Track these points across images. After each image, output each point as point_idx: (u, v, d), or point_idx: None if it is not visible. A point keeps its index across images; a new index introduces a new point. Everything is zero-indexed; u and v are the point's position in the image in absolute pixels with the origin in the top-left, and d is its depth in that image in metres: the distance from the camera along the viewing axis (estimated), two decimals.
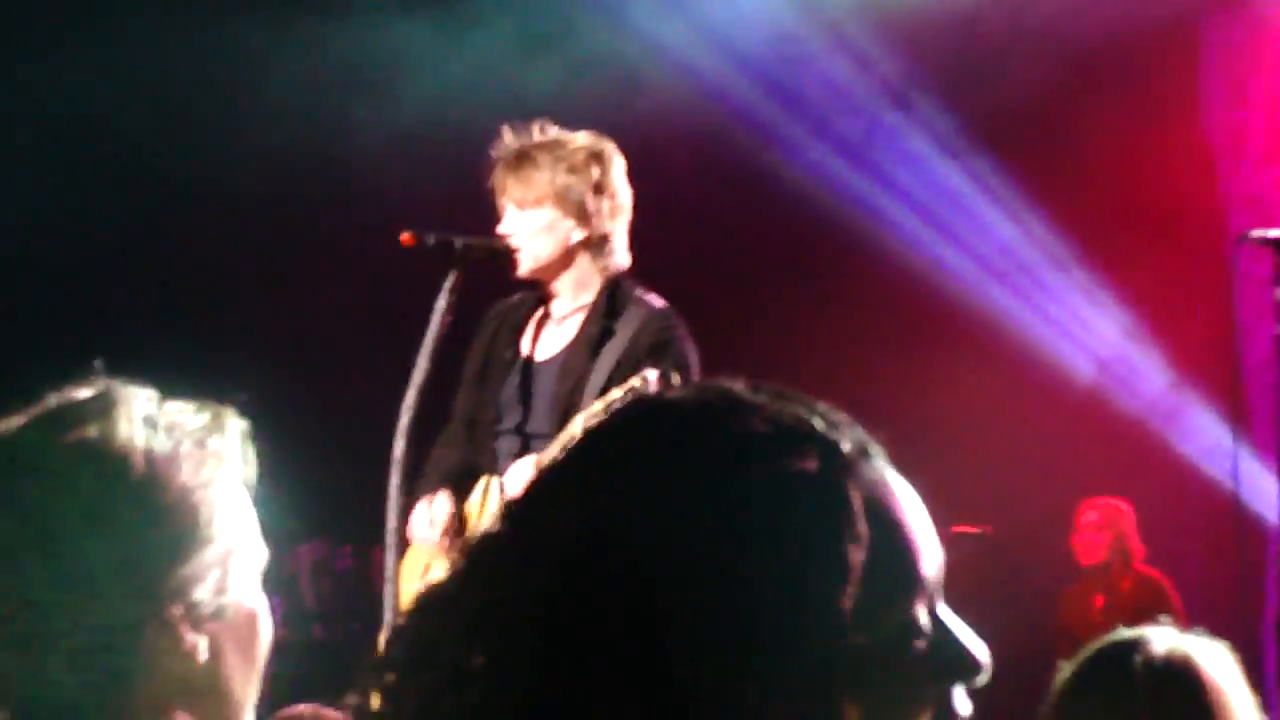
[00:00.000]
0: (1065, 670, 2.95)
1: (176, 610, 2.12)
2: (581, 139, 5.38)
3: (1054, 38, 9.68)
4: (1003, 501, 9.49)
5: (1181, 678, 2.83)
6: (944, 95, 10.08)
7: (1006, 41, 9.60)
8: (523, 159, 5.35)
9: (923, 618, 1.47)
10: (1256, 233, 6.01)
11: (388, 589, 5.30)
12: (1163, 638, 2.90)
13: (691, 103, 9.31)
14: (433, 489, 5.48)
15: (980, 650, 1.48)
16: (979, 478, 9.48)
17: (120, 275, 10.02)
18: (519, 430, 5.43)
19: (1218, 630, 3.01)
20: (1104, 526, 9.39)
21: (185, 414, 2.18)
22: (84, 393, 2.17)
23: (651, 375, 4.98)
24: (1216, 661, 2.88)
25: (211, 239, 9.98)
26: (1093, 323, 10.30)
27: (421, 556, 5.46)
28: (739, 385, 1.53)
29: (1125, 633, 2.96)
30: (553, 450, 5.03)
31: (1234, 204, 10.05)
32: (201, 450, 2.16)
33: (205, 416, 2.18)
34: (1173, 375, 10.16)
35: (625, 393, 4.95)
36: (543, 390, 5.42)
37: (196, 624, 2.14)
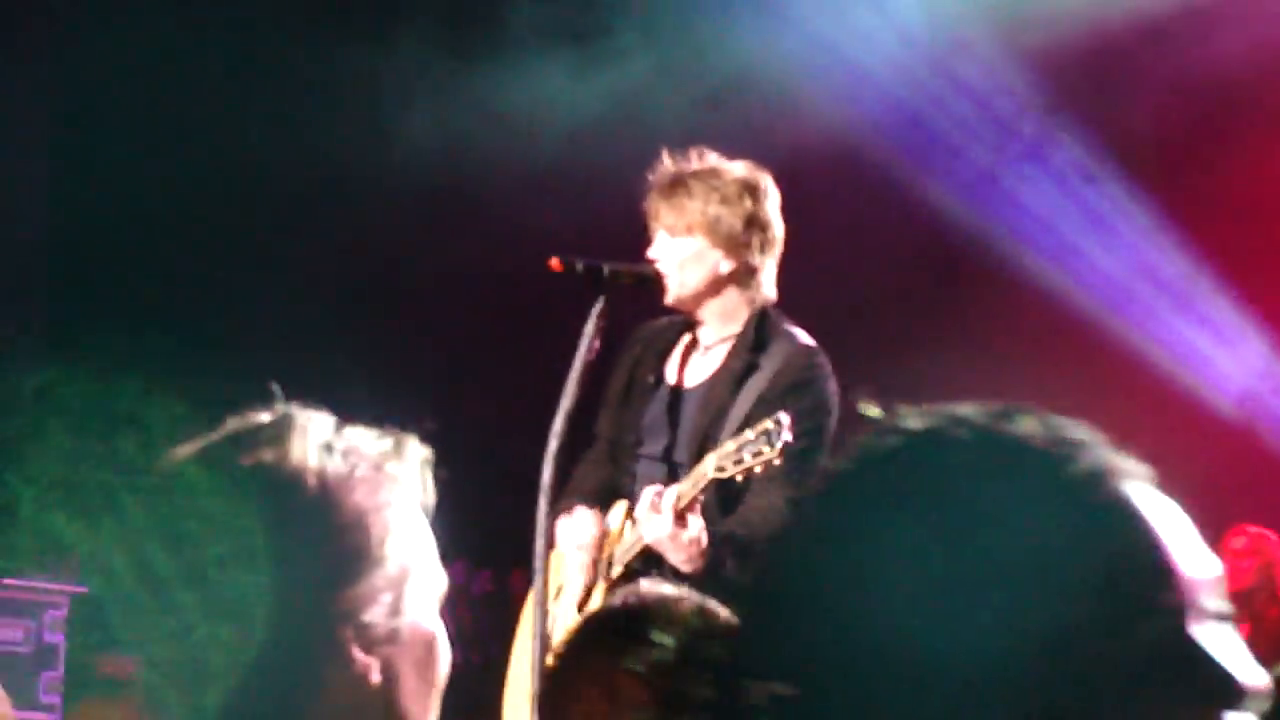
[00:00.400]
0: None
1: (347, 632, 2.12)
2: (738, 169, 5.37)
3: (1192, 59, 9.62)
4: None
5: None
6: (1081, 118, 10.03)
7: (1144, 64, 9.54)
8: (677, 186, 5.35)
9: (1190, 631, 1.41)
10: None
11: (537, 613, 5.29)
12: None
13: (829, 128, 9.29)
14: (573, 506, 5.48)
15: (1249, 673, 1.43)
16: None
17: (276, 304, 10.13)
18: (663, 457, 5.43)
19: None
20: (1251, 553, 9.32)
21: (364, 439, 2.20)
22: (262, 417, 2.19)
23: (785, 419, 4.92)
24: None
25: (366, 273, 10.08)
26: (1237, 349, 10.21)
27: (554, 578, 5.45)
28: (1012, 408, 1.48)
29: None
30: (686, 484, 5.04)
31: None
32: (378, 474, 2.16)
33: (385, 442, 2.20)
34: None
35: (758, 435, 4.92)
36: (685, 418, 5.42)
37: (368, 646, 2.14)
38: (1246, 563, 9.34)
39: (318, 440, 2.17)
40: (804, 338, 5.39)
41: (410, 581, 2.17)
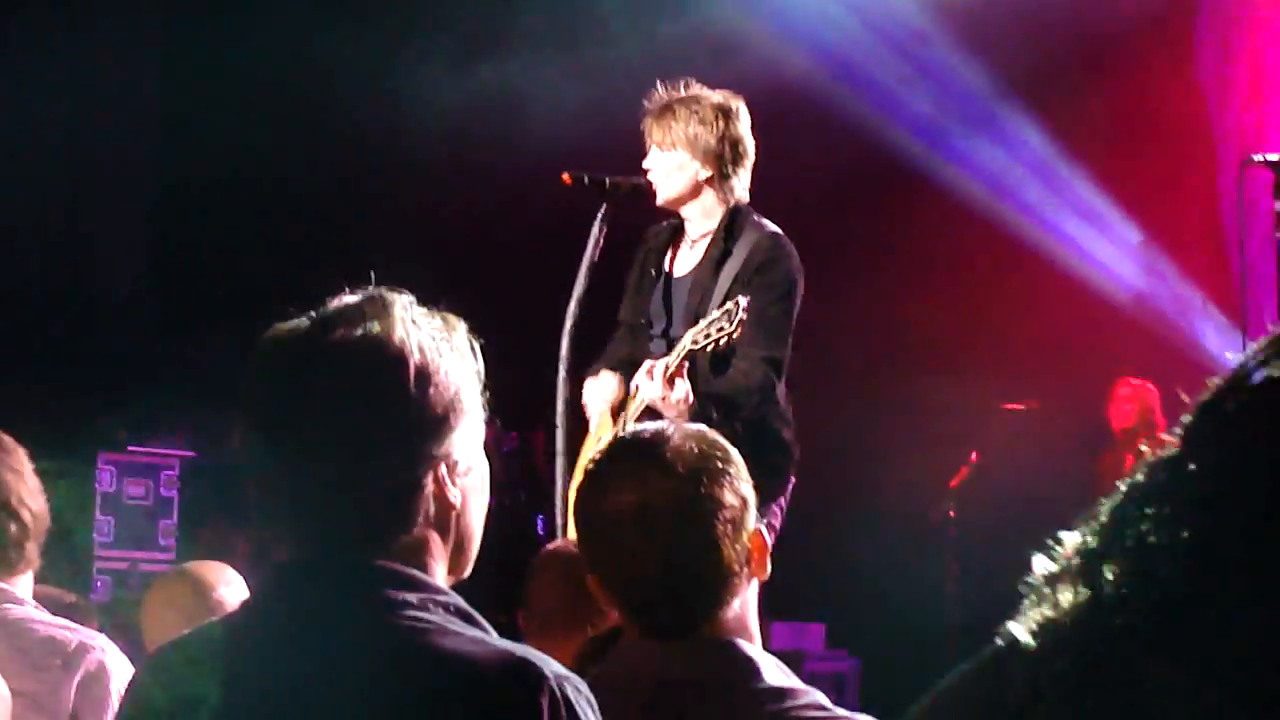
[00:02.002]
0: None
1: (444, 468, 2.20)
2: (715, 96, 5.46)
3: (1073, 13, 9.65)
4: (1048, 382, 9.52)
5: None
6: (984, 53, 10.04)
7: (1041, 10, 9.54)
8: (665, 110, 5.44)
9: None
10: (1258, 156, 5.97)
11: (560, 461, 5.43)
12: None
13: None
14: (600, 370, 5.59)
15: None
16: (1029, 364, 9.52)
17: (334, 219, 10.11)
18: (664, 335, 5.51)
19: None
20: (1134, 399, 9.43)
21: (428, 316, 2.24)
22: (359, 297, 2.22)
23: (743, 301, 5.03)
24: None
25: (413, 195, 10.04)
26: (1122, 240, 10.29)
27: (595, 433, 5.55)
28: None
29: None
30: (673, 356, 5.13)
31: (1222, 136, 10.01)
32: (450, 343, 2.22)
33: (439, 319, 2.25)
34: (1184, 279, 10.13)
35: (721, 314, 5.04)
36: (679, 302, 5.51)
37: (456, 479, 2.22)
38: (1129, 406, 9.44)
39: (408, 315, 2.19)
40: (770, 226, 5.47)
41: (475, 428, 2.24)
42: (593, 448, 5.40)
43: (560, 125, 8.60)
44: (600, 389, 5.56)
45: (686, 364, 5.14)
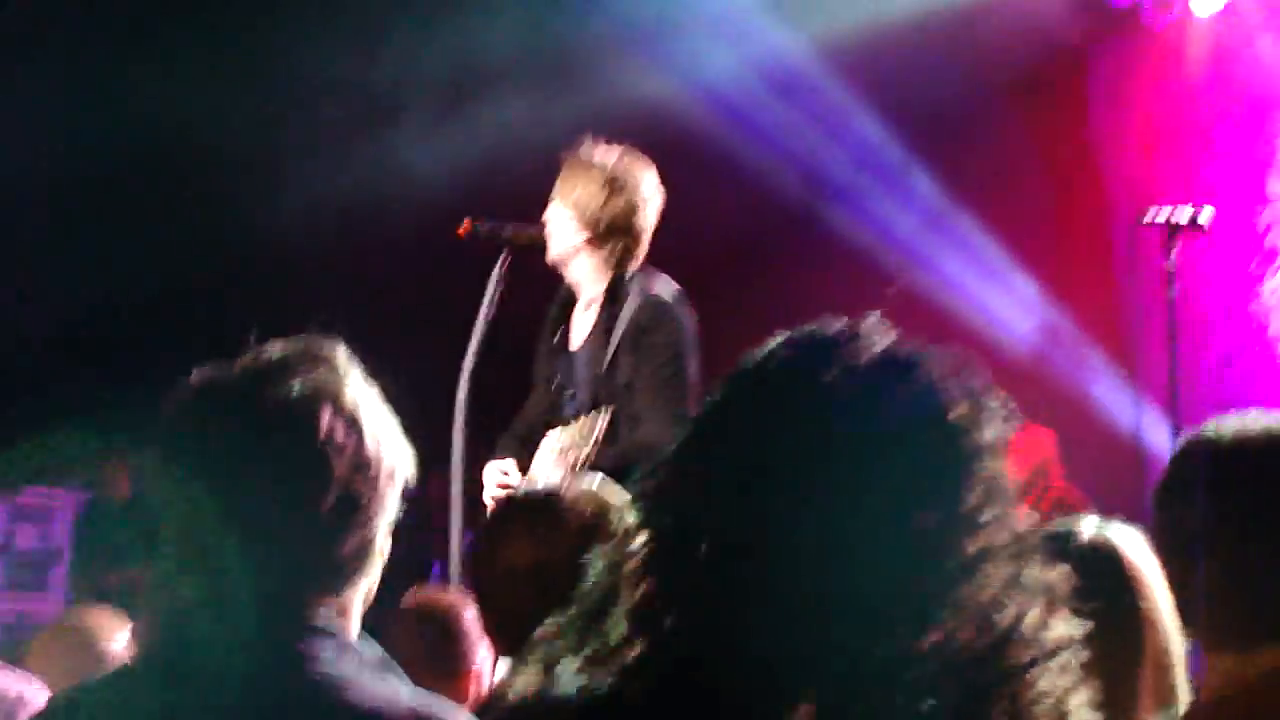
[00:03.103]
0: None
1: (383, 521, 2.20)
2: (609, 162, 5.44)
3: (966, 59, 9.72)
4: None
5: (1107, 556, 2.87)
6: (883, 106, 10.11)
7: (934, 64, 9.62)
8: (569, 166, 5.46)
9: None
10: (1149, 216, 6.04)
11: (454, 513, 5.40)
12: (1088, 525, 2.95)
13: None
14: (506, 448, 5.55)
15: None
16: None
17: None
18: (571, 400, 5.51)
19: None
20: (1026, 448, 9.46)
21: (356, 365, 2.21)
22: (294, 346, 2.18)
23: (603, 419, 5.07)
24: (1133, 542, 2.92)
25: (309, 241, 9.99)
26: (1018, 295, 10.37)
27: None
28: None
29: (1060, 524, 2.99)
30: (571, 434, 5.12)
31: (1115, 192, 10.14)
32: (375, 394, 2.19)
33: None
34: (1077, 333, 10.22)
35: (582, 428, 5.07)
36: (578, 370, 5.51)
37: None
38: (1020, 456, 9.50)
39: (345, 368, 2.16)
40: (656, 287, 5.46)
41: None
42: None
43: (455, 179, 8.61)
44: (496, 473, 5.49)
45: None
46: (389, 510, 2.17)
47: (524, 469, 5.43)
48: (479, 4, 9.63)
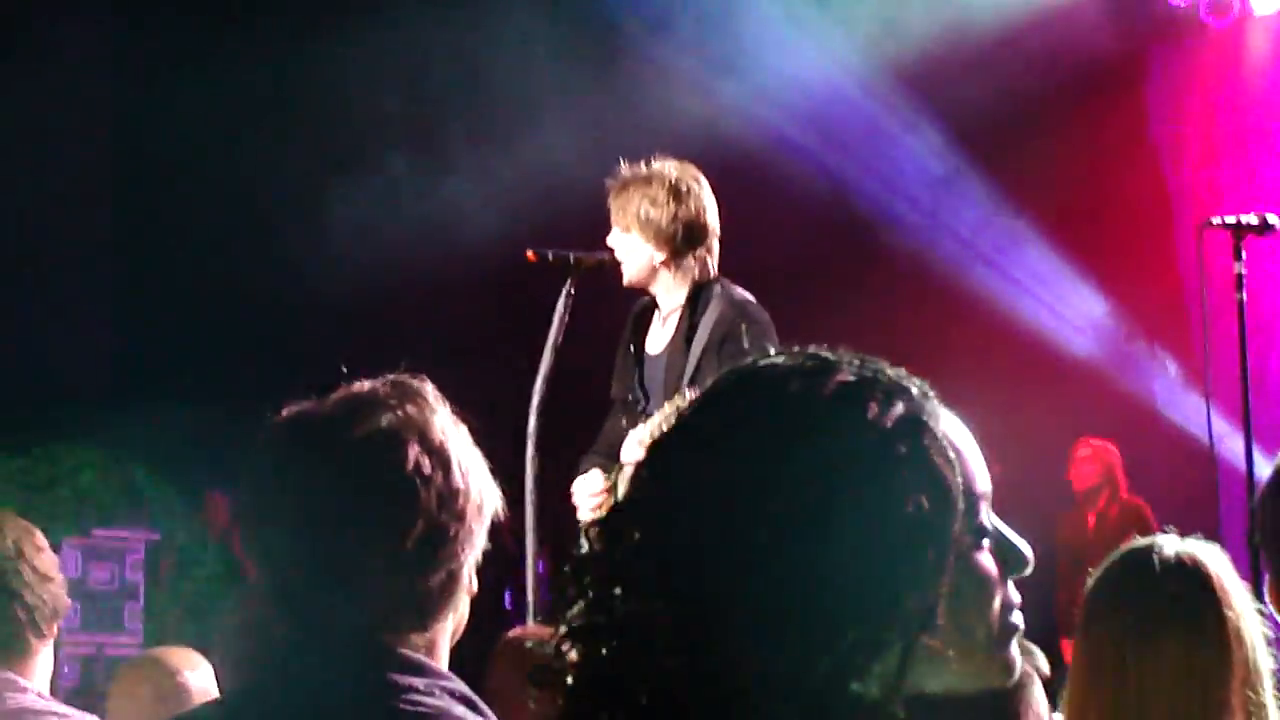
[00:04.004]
0: (1095, 574, 2.98)
1: (471, 558, 2.21)
2: (669, 174, 5.39)
3: (1024, 65, 9.70)
4: (1010, 447, 9.49)
5: (1192, 572, 2.87)
6: (944, 116, 10.10)
7: (998, 66, 9.59)
8: (620, 190, 5.40)
9: (987, 522, 1.51)
10: (1216, 218, 5.99)
11: (529, 538, 5.40)
12: (1171, 543, 2.94)
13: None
14: (589, 466, 5.52)
15: (1026, 547, 1.53)
16: (990, 429, 9.49)
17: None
18: (647, 413, 5.46)
19: None
20: (1093, 459, 9.43)
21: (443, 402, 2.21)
22: (382, 384, 2.18)
23: (689, 395, 5.03)
24: (1216, 559, 2.92)
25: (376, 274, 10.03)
26: (1080, 302, 10.32)
27: None
28: (825, 350, 1.54)
29: (1140, 541, 2.98)
30: (657, 421, 5.13)
31: (1178, 195, 10.09)
32: (461, 430, 2.20)
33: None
34: (1145, 340, 10.17)
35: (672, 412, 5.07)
36: (655, 380, 5.48)
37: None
38: (1092, 467, 9.45)
39: (433, 404, 2.16)
40: (738, 295, 5.42)
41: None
42: None
43: (518, 205, 8.63)
44: (587, 492, 5.47)
45: None
46: (476, 545, 2.18)
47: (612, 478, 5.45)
48: (516, 36, 9.67)
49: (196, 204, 9.80)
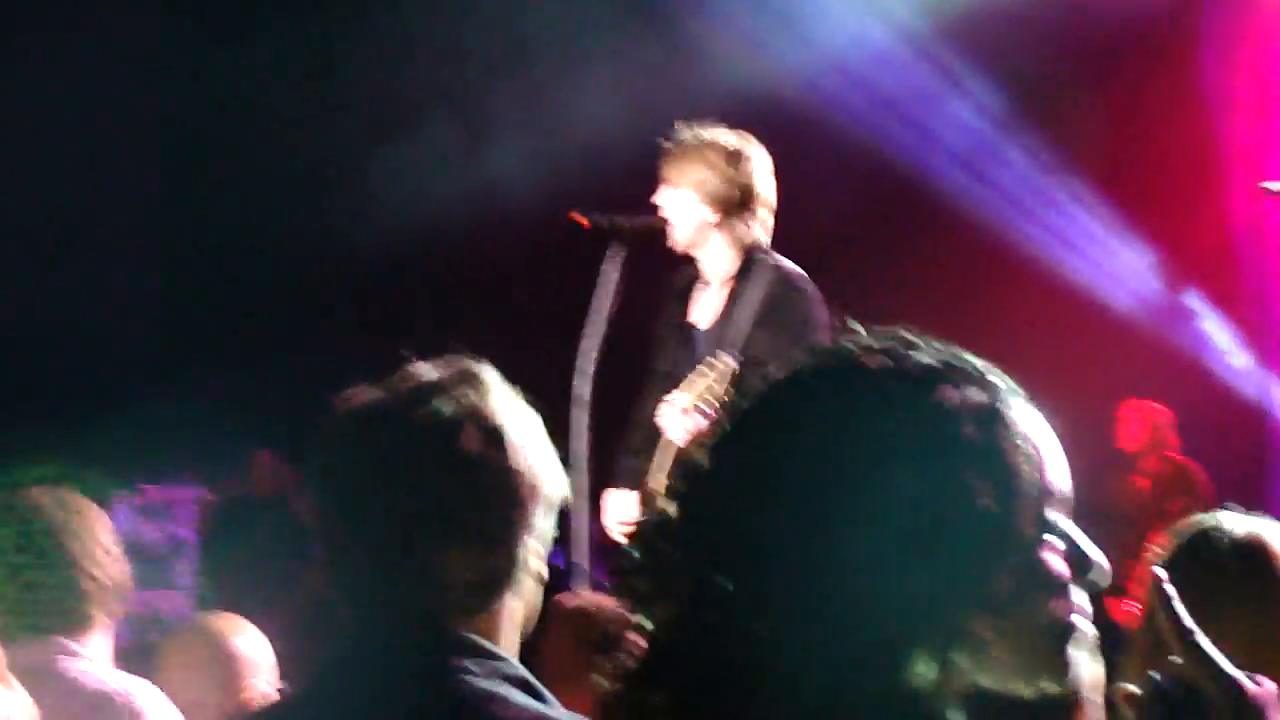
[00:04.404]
0: (1159, 553, 2.95)
1: (535, 542, 2.19)
2: (728, 140, 5.40)
3: (1078, 26, 9.63)
4: (1060, 405, 9.43)
5: (1259, 552, 2.85)
6: (994, 76, 10.03)
7: (1046, 23, 9.51)
8: (679, 150, 5.40)
9: (1060, 523, 1.48)
10: (1270, 183, 5.91)
11: (578, 502, 5.38)
12: (1235, 521, 2.92)
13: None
14: (624, 476, 5.52)
15: (1102, 557, 1.50)
16: (1039, 386, 9.44)
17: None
18: None
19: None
20: (1141, 420, 9.37)
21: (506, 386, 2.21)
22: (445, 369, 2.19)
23: (729, 360, 5.08)
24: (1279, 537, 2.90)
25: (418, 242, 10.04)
26: (1125, 261, 10.26)
27: None
28: (905, 332, 1.52)
29: (1204, 519, 2.96)
30: (696, 381, 5.14)
31: (1227, 156, 10.00)
32: (524, 413, 2.20)
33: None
34: (1197, 298, 10.11)
35: (713, 375, 5.05)
36: (703, 353, 5.44)
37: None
38: (1139, 428, 9.39)
39: (497, 389, 2.17)
40: (786, 267, 5.41)
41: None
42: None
43: (562, 169, 8.61)
44: (617, 513, 5.49)
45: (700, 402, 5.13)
46: (540, 529, 2.18)
47: (644, 486, 5.43)
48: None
49: (243, 170, 9.81)
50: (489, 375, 2.19)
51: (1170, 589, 1.55)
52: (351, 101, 9.85)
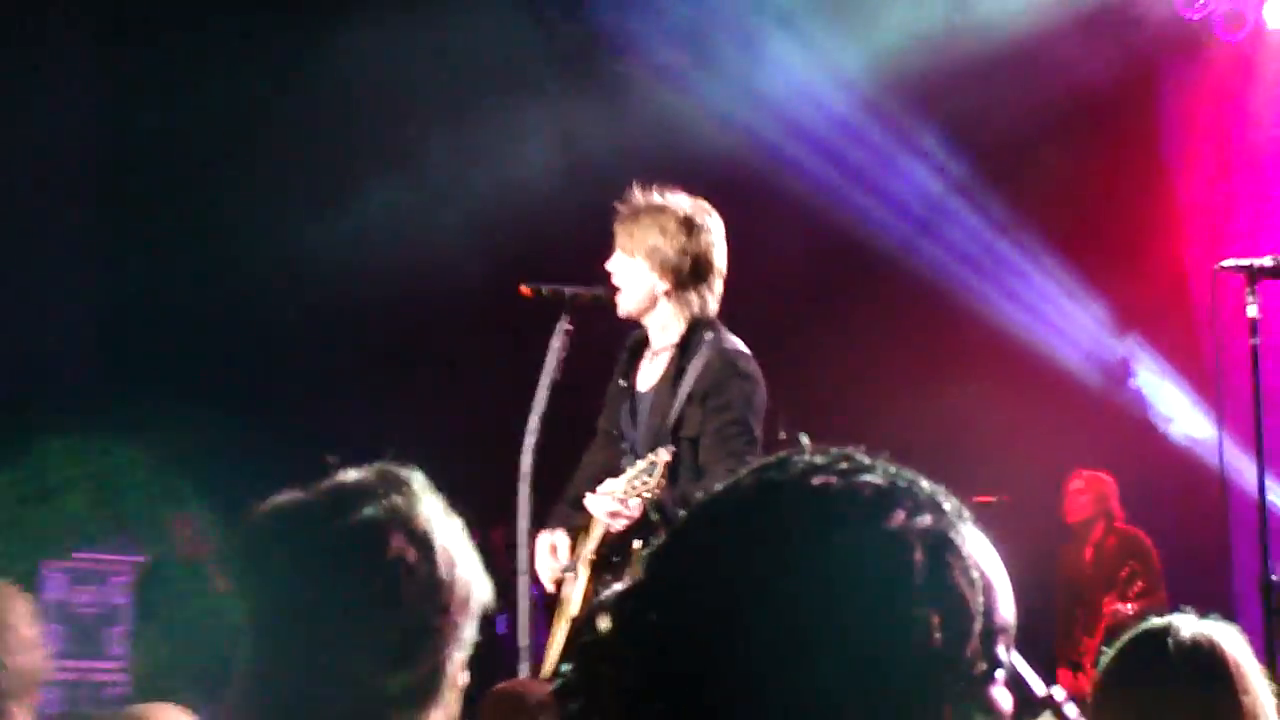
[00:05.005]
0: (1107, 655, 2.96)
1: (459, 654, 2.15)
2: (682, 206, 5.34)
3: (1036, 84, 9.66)
4: (1015, 476, 9.45)
5: (1208, 656, 2.85)
6: (949, 135, 10.06)
7: (1006, 81, 9.54)
8: (631, 216, 5.34)
9: (1006, 657, 1.45)
10: (1229, 261, 5.94)
11: (521, 580, 5.34)
12: (1187, 624, 2.91)
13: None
14: (557, 522, 5.46)
15: (1044, 689, 1.48)
16: (995, 457, 9.46)
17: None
18: (632, 451, 5.40)
19: (1195, 581, 3.03)
20: (1086, 491, 9.36)
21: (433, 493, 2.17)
22: (369, 474, 2.15)
23: (664, 455, 5.03)
24: (1233, 641, 2.90)
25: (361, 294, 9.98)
26: (1081, 325, 10.28)
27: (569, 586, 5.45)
28: (857, 452, 1.48)
29: (1155, 621, 2.96)
30: (630, 476, 5.11)
31: (1186, 216, 10.05)
32: (451, 519, 2.16)
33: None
34: (1155, 363, 10.14)
35: (645, 466, 5.04)
36: (641, 418, 5.42)
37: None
38: (1084, 498, 9.37)
39: (424, 497, 2.13)
40: (729, 344, 5.35)
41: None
42: (573, 595, 5.33)
43: (513, 233, 8.59)
44: (547, 556, 5.41)
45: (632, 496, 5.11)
46: (464, 640, 2.14)
47: (577, 533, 5.39)
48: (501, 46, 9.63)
49: (178, 202, 9.76)
50: (416, 480, 2.15)
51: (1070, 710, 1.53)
52: (288, 158, 9.81)
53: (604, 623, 1.48)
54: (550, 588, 5.39)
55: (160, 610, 8.83)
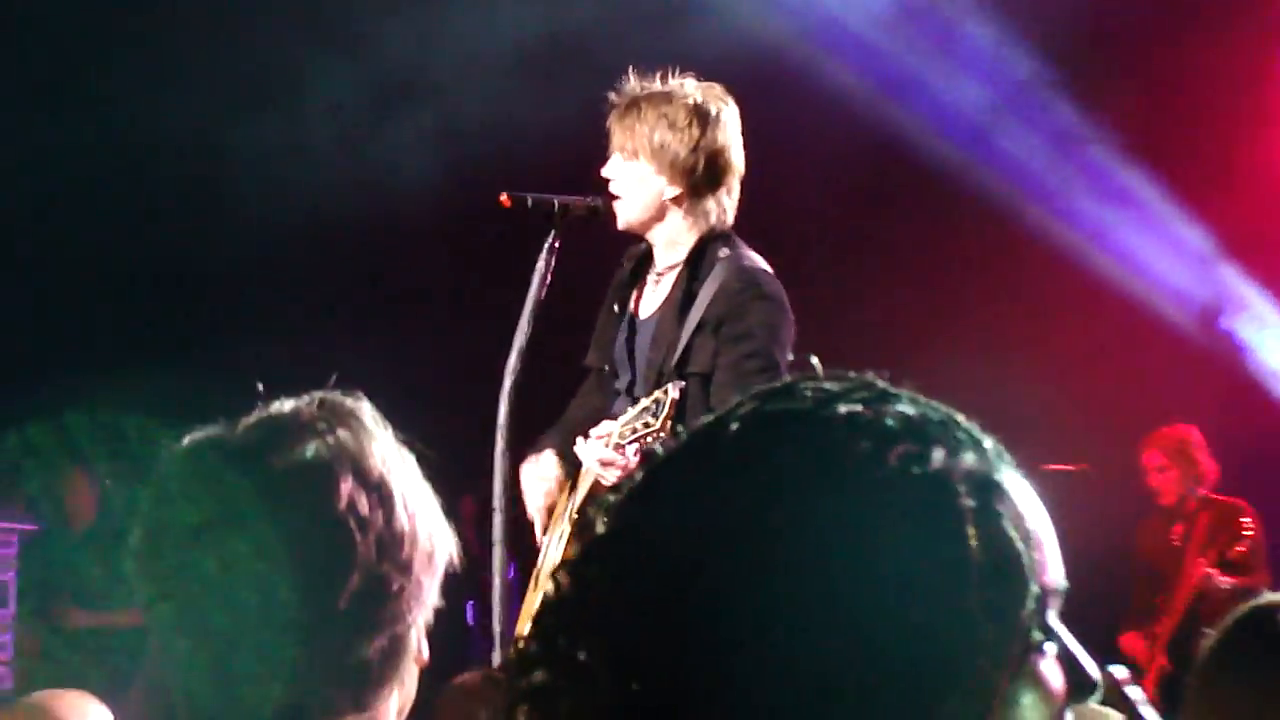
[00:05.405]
0: (1210, 639, 2.97)
1: (420, 622, 2.13)
2: (692, 94, 5.22)
3: None
4: (1094, 442, 9.45)
5: None
6: (1014, 35, 10.06)
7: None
8: (630, 108, 5.23)
9: (1059, 630, 1.40)
10: None
11: (497, 550, 5.29)
12: None
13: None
14: (544, 446, 5.43)
15: (1095, 670, 1.45)
16: (1065, 414, 9.48)
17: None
18: (627, 391, 5.34)
19: None
20: (1168, 466, 9.34)
21: (385, 426, 2.14)
22: (309, 405, 2.10)
23: (673, 391, 4.92)
24: None
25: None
26: (1171, 256, 10.29)
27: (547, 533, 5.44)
28: (881, 379, 1.43)
29: (1267, 597, 2.97)
30: (621, 427, 5.05)
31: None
32: (407, 458, 2.12)
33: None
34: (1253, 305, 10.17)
35: (644, 409, 4.97)
36: (641, 351, 5.34)
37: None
38: (1167, 477, 9.31)
39: (374, 430, 2.09)
40: (748, 260, 5.28)
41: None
42: (553, 547, 5.33)
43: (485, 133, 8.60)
44: (538, 477, 5.40)
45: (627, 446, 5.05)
46: (426, 603, 2.10)
47: (562, 485, 5.37)
48: None
49: (137, 158, 9.79)
50: (365, 412, 2.11)
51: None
52: (207, 45, 9.85)
53: (565, 583, 1.44)
54: (539, 519, 5.38)
55: (50, 586, 8.88)
